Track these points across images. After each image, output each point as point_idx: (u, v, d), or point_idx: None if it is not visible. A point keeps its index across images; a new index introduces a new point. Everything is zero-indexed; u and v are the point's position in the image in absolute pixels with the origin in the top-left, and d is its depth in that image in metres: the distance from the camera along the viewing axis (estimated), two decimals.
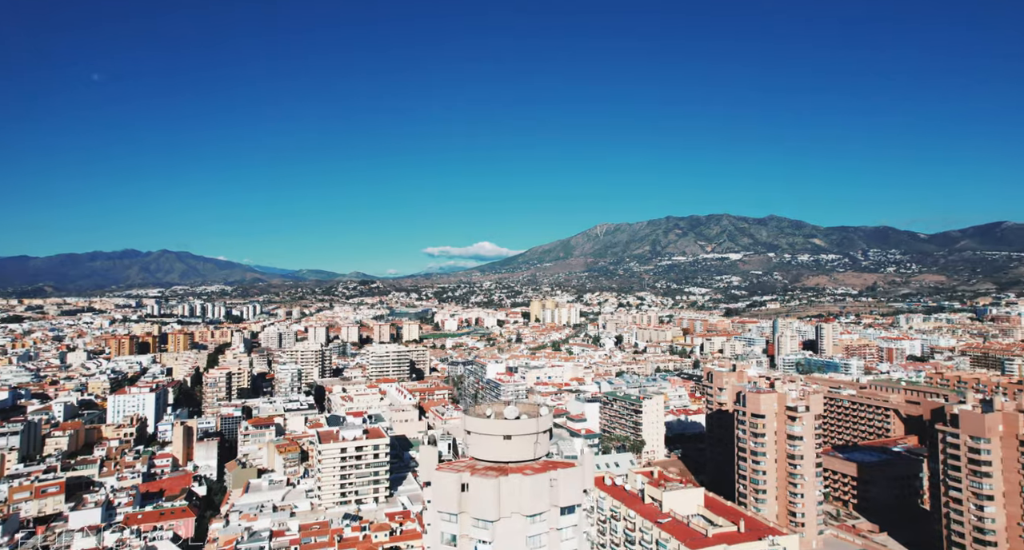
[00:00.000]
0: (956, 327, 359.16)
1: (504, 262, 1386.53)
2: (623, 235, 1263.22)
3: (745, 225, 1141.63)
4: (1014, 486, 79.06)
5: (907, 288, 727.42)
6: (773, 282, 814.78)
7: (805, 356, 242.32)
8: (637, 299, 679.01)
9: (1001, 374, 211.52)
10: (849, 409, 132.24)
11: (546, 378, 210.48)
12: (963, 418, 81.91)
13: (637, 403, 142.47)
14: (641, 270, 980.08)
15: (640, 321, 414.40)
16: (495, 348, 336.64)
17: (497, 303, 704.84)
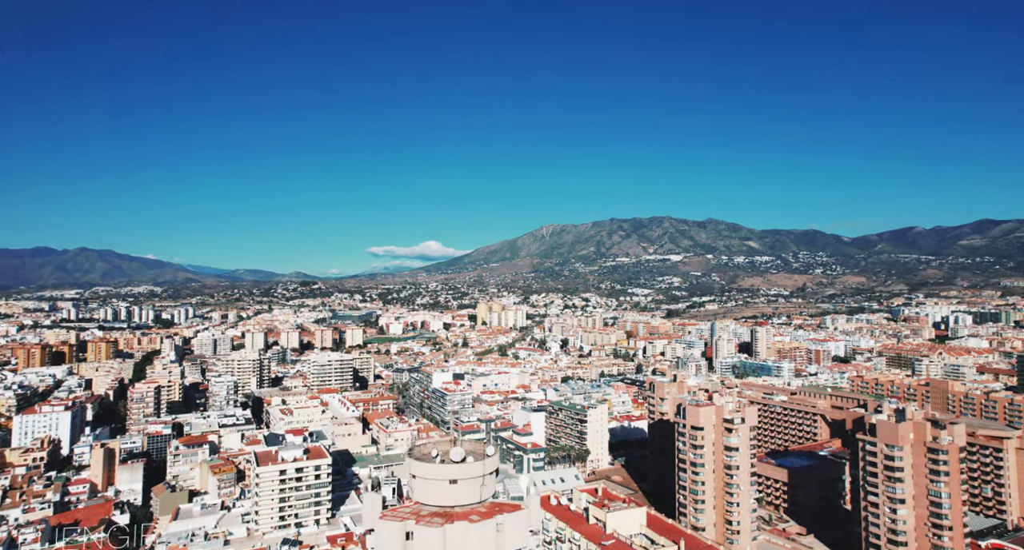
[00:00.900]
0: (874, 327, 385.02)
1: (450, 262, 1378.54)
2: (569, 236, 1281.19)
3: (685, 227, 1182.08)
4: (922, 490, 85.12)
5: (833, 289, 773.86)
6: (711, 283, 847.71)
7: (741, 359, 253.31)
8: (582, 300, 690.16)
9: (912, 373, 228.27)
10: (781, 415, 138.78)
11: (492, 386, 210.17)
12: (880, 428, 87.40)
13: (582, 413, 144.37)
14: (586, 271, 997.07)
15: (585, 324, 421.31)
16: (441, 353, 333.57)
17: (443, 305, 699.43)
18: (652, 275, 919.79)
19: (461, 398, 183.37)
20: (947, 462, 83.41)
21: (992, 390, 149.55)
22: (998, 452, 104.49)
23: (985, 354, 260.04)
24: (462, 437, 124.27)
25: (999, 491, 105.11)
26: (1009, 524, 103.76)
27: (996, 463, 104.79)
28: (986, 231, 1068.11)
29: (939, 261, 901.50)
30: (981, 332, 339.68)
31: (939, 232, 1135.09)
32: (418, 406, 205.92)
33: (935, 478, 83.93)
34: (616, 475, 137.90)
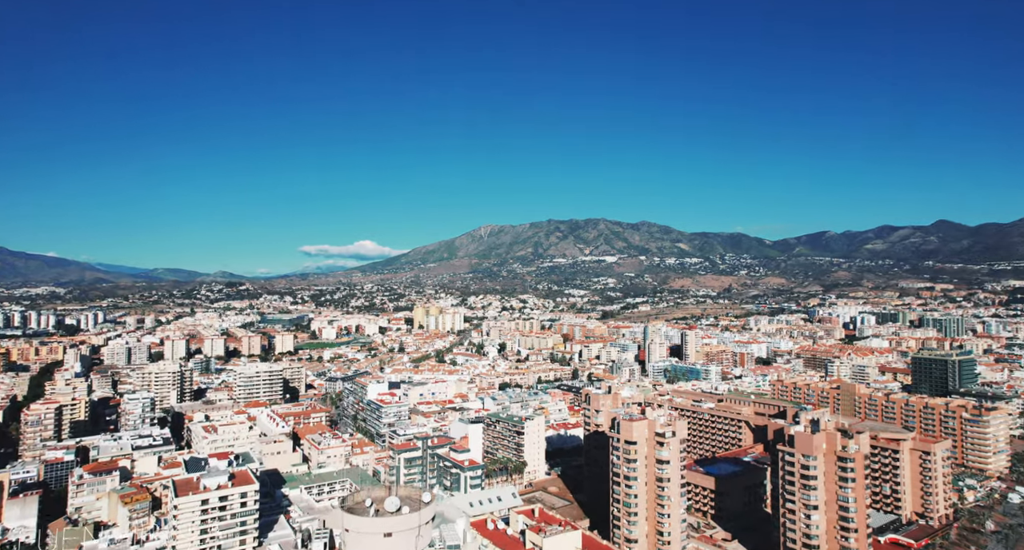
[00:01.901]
0: (793, 328, 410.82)
1: (387, 262, 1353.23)
2: (507, 237, 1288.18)
3: (620, 229, 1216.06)
4: (832, 496, 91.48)
5: (756, 289, 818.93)
6: (644, 284, 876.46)
7: (672, 363, 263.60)
8: (520, 302, 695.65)
9: (825, 374, 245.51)
10: (709, 422, 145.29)
11: (430, 395, 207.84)
12: (798, 439, 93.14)
13: (519, 425, 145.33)
14: (524, 271, 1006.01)
15: (523, 328, 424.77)
16: (377, 359, 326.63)
17: (379, 307, 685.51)
18: (588, 276, 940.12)
19: (397, 410, 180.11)
20: (854, 469, 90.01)
21: (891, 392, 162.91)
22: (895, 453, 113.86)
23: (886, 354, 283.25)
24: (398, 456, 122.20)
25: (896, 489, 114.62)
26: (904, 519, 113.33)
27: (894, 463, 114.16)
28: (887, 236, 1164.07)
29: (848, 263, 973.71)
30: (882, 332, 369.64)
31: (848, 236, 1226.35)
32: (352, 418, 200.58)
33: (843, 485, 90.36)
34: (552, 486, 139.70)
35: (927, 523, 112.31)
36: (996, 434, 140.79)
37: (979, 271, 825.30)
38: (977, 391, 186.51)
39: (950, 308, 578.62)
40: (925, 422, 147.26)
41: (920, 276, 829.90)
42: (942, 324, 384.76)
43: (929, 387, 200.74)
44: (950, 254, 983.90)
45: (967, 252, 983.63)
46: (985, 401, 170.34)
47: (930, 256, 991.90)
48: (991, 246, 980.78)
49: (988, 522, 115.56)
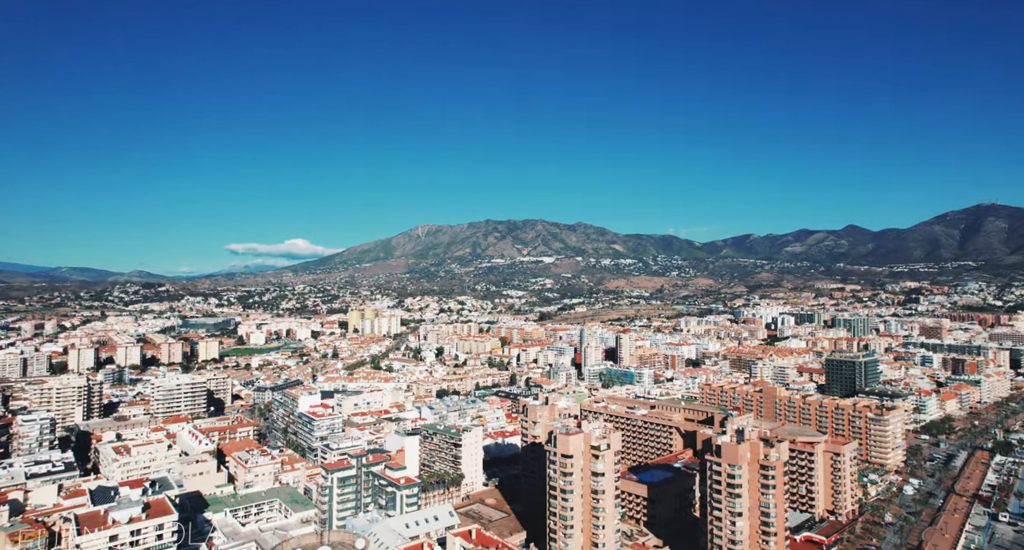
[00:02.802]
0: (720, 329, 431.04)
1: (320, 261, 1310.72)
2: (445, 236, 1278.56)
3: (557, 230, 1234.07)
4: (755, 502, 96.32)
5: (686, 290, 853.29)
6: (581, 285, 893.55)
7: (607, 367, 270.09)
8: (458, 303, 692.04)
9: (749, 375, 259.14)
10: (642, 428, 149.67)
11: (365, 405, 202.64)
12: (724, 449, 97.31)
13: (457, 437, 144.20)
14: (462, 272, 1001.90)
15: (461, 331, 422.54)
16: (309, 366, 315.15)
17: (312, 309, 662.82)
18: (526, 277, 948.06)
19: (330, 423, 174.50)
20: (774, 477, 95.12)
21: (807, 394, 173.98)
22: (811, 456, 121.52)
23: (803, 354, 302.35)
24: (330, 476, 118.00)
25: (811, 489, 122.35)
26: (817, 516, 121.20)
27: (809, 466, 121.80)
28: (804, 239, 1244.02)
29: (770, 265, 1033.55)
30: (800, 332, 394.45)
31: (771, 239, 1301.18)
32: (283, 431, 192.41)
33: (765, 491, 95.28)
34: (490, 498, 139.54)
35: (837, 519, 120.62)
36: (894, 432, 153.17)
37: (881, 273, 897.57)
38: (879, 390, 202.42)
39: (858, 308, 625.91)
40: (836, 422, 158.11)
41: (833, 277, 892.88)
42: (851, 324, 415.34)
43: (840, 386, 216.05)
44: (858, 257, 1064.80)
45: (872, 255, 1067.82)
46: (886, 399, 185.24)
47: (841, 259, 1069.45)
48: (891, 250, 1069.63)
49: (887, 514, 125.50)
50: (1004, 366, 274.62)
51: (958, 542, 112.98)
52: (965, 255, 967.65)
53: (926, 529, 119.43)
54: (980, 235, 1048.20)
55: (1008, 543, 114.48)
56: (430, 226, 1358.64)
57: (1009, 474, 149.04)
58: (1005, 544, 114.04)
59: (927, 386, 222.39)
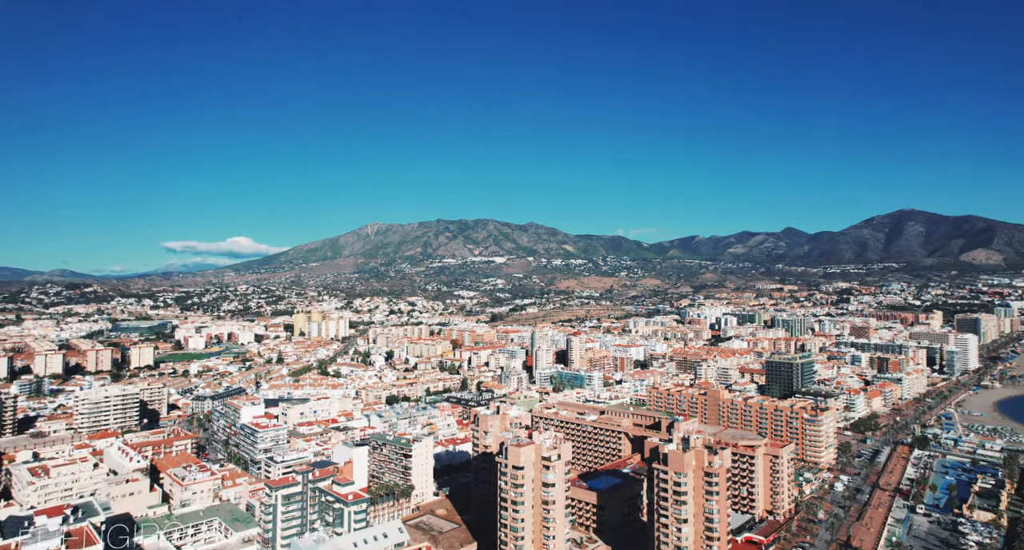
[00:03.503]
0: (667, 330, 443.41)
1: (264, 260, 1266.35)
2: (395, 236, 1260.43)
3: (509, 230, 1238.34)
4: (700, 508, 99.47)
5: (635, 290, 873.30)
6: (532, 285, 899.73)
7: (558, 370, 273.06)
8: (409, 305, 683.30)
9: (695, 376, 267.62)
10: (591, 434, 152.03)
11: (311, 414, 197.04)
12: (671, 458, 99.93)
13: (407, 447, 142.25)
14: (413, 272, 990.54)
15: (411, 334, 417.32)
16: (252, 373, 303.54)
17: (255, 311, 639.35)
18: (478, 277, 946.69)
19: (275, 434, 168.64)
20: (718, 483, 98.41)
21: (749, 396, 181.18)
22: (751, 459, 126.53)
23: (745, 355, 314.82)
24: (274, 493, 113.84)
25: (751, 491, 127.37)
26: (757, 517, 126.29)
27: (750, 468, 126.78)
28: (746, 241, 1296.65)
29: (715, 266, 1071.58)
30: (742, 332, 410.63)
31: (715, 240, 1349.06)
32: (224, 443, 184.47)
33: (709, 498, 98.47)
34: (440, 508, 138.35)
35: (775, 519, 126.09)
36: (827, 431, 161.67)
37: (816, 273, 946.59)
38: (814, 390, 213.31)
39: (795, 307, 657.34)
40: (775, 423, 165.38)
41: (773, 278, 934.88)
42: (789, 324, 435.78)
43: (779, 387, 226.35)
44: (795, 258, 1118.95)
45: (808, 257, 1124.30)
46: (820, 400, 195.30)
47: (780, 260, 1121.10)
48: (825, 252, 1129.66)
49: (819, 511, 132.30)
50: (922, 364, 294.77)
51: (881, 536, 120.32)
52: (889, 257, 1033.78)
53: (854, 524, 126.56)
54: (902, 238, 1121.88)
55: (924, 534, 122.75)
56: (380, 225, 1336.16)
57: (925, 467, 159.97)
58: (921, 535, 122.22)
59: (856, 385, 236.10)
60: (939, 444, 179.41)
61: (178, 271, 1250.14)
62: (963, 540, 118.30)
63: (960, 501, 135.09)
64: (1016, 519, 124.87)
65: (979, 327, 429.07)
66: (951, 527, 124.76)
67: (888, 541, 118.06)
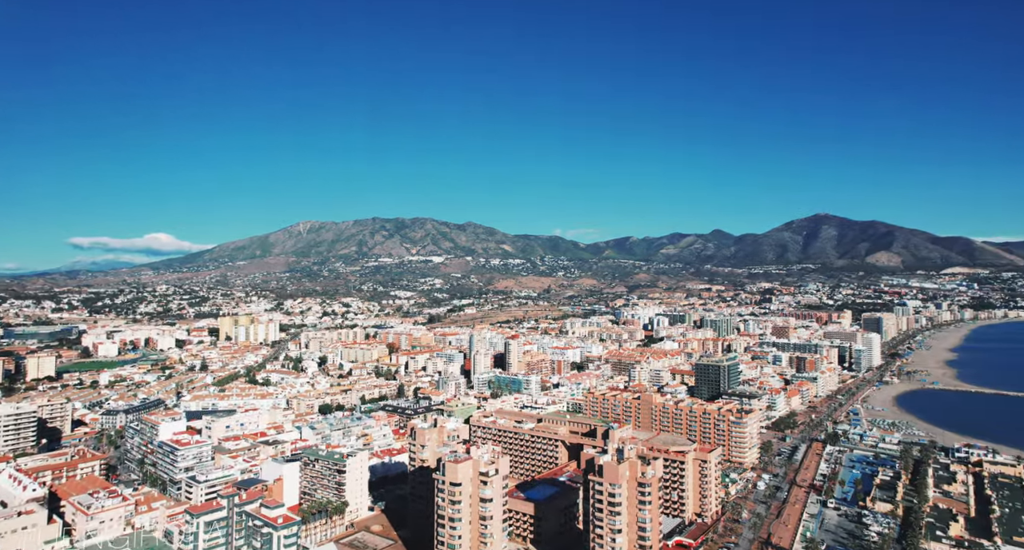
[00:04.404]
0: (603, 331, 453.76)
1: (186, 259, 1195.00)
2: (329, 234, 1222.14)
3: (447, 230, 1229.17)
4: (633, 518, 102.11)
5: (572, 290, 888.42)
6: (471, 285, 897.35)
7: (496, 374, 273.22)
8: (343, 306, 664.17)
9: (629, 379, 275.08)
10: (529, 442, 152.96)
11: (238, 427, 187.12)
12: (606, 469, 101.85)
13: (341, 462, 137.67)
14: (347, 271, 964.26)
15: (346, 338, 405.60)
16: (172, 382, 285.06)
17: (176, 313, 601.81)
18: (415, 276, 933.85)
19: (197, 451, 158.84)
20: (650, 492, 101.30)
21: (680, 400, 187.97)
22: (682, 464, 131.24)
23: (676, 355, 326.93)
24: (195, 520, 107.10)
25: (682, 495, 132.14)
26: (686, 520, 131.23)
27: (681, 473, 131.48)
28: (677, 242, 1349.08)
29: (648, 266, 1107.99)
30: (674, 333, 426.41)
31: (648, 241, 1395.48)
32: (139, 463, 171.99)
33: (642, 507, 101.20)
34: (376, 524, 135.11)
35: (703, 521, 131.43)
36: (751, 432, 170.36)
37: (742, 274, 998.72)
38: (739, 391, 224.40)
39: (722, 307, 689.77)
40: (703, 426, 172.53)
41: (702, 278, 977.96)
42: (716, 325, 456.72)
43: (707, 388, 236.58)
44: (722, 259, 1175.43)
45: (734, 258, 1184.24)
46: (745, 401, 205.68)
47: (709, 260, 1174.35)
48: (750, 253, 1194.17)
49: (743, 511, 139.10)
50: (834, 362, 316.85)
51: (797, 531, 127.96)
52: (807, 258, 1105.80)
53: (774, 522, 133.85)
54: (818, 241, 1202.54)
55: (833, 527, 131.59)
56: (313, 223, 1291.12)
57: (836, 463, 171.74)
58: (832, 528, 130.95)
59: (777, 384, 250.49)
60: (848, 439, 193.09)
61: (86, 269, 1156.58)
62: (866, 531, 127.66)
63: (864, 494, 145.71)
64: (909, 508, 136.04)
65: (881, 326, 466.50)
66: (856, 519, 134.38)
67: (803, 536, 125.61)
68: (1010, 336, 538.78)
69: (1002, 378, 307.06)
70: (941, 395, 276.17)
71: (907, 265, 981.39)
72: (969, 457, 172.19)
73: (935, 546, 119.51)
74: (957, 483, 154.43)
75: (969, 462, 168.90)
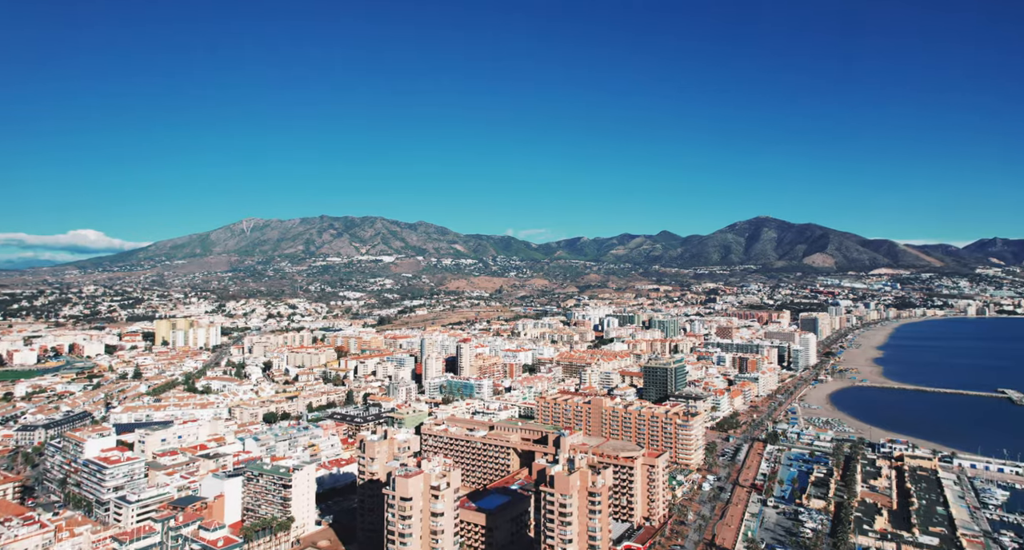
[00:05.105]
0: (554, 332, 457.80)
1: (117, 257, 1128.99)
2: (274, 232, 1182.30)
3: (397, 229, 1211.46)
4: (584, 527, 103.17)
5: (524, 290, 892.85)
6: (422, 285, 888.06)
7: (447, 378, 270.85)
8: (289, 307, 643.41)
9: (580, 382, 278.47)
10: (481, 450, 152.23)
11: (176, 440, 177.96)
12: (557, 480, 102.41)
13: (286, 477, 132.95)
14: (294, 271, 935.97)
15: (292, 342, 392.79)
16: (101, 392, 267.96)
17: (107, 316, 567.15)
18: (365, 276, 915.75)
19: (129, 469, 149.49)
20: (600, 502, 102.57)
21: (629, 403, 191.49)
22: (631, 470, 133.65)
23: (625, 357, 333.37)
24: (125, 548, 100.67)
25: (631, 500, 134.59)
26: (635, 524, 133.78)
27: (630, 479, 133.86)
28: (627, 243, 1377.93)
29: (598, 267, 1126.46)
30: (623, 334, 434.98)
31: (598, 242, 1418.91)
32: (60, 483, 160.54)
33: (592, 516, 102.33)
34: (323, 539, 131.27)
35: (651, 524, 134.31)
36: (697, 434, 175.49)
37: (688, 274, 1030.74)
38: (686, 393, 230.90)
39: (669, 307, 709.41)
40: (652, 429, 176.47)
41: (650, 278, 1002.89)
42: (664, 325, 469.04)
43: (655, 390, 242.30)
44: (669, 260, 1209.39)
45: (681, 258, 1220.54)
46: (691, 403, 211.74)
47: (656, 261, 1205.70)
48: (696, 254, 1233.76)
49: (689, 513, 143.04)
50: (774, 362, 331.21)
51: (739, 531, 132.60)
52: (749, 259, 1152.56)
53: (718, 523, 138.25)
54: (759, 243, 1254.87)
55: (773, 526, 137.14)
56: (257, 220, 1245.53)
57: (776, 461, 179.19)
58: (771, 527, 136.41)
59: (721, 385, 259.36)
60: (786, 438, 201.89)
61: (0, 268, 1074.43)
62: (801, 528, 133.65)
63: (800, 492, 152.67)
64: (840, 504, 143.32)
65: (817, 326, 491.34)
66: (794, 517, 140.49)
67: (744, 536, 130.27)
68: (928, 334, 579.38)
69: (922, 374, 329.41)
70: (869, 392, 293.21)
71: (840, 266, 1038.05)
72: (892, 452, 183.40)
73: (862, 540, 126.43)
74: (882, 477, 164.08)
75: (892, 457, 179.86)
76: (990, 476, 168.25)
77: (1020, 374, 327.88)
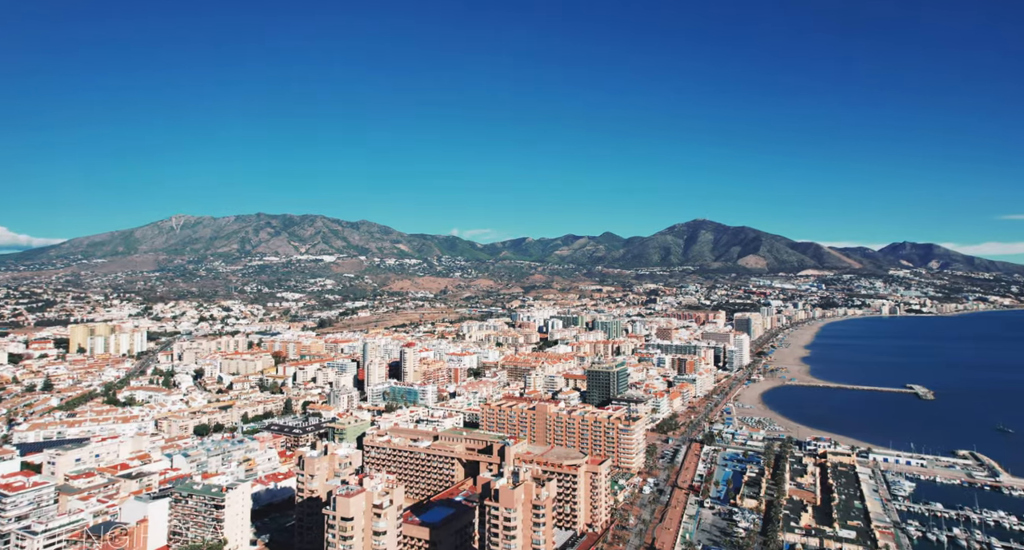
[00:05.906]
0: (499, 334, 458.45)
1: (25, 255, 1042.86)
2: (206, 230, 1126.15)
3: (339, 228, 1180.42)
4: (528, 539, 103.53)
5: (469, 291, 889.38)
6: (364, 286, 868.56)
7: (391, 384, 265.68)
8: (223, 309, 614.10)
9: (525, 385, 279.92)
10: (425, 461, 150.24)
11: (93, 459, 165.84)
12: (501, 494, 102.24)
13: (219, 497, 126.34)
14: (228, 271, 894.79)
15: (226, 348, 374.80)
16: (3, 407, 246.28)
17: (11, 320, 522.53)
18: (304, 277, 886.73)
19: (35, 495, 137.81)
20: (544, 514, 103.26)
21: (573, 408, 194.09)
22: (574, 478, 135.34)
23: (569, 359, 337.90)
24: None
25: (574, 508, 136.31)
26: (578, 531, 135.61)
27: (573, 487, 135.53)
28: (571, 243, 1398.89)
29: (543, 267, 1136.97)
30: (567, 335, 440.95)
31: (543, 242, 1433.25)
32: None
33: (536, 528, 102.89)
34: None
35: (594, 531, 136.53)
36: (638, 438, 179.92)
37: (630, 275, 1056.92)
38: (628, 396, 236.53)
39: (612, 307, 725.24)
40: (595, 434, 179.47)
41: (593, 279, 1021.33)
42: (607, 327, 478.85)
43: (598, 393, 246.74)
44: (612, 261, 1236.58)
45: (623, 259, 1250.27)
46: (632, 407, 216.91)
47: (600, 262, 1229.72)
48: (637, 255, 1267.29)
49: (630, 518, 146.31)
50: (711, 363, 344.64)
51: (678, 534, 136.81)
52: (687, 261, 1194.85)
53: (658, 526, 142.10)
54: (697, 244, 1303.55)
55: (709, 527, 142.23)
56: (188, 217, 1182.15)
57: (712, 462, 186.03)
58: (707, 528, 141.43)
59: (661, 387, 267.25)
60: (722, 439, 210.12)
61: None
62: (735, 528, 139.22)
63: (735, 492, 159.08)
64: (770, 503, 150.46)
65: (750, 326, 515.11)
66: (728, 517, 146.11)
67: (683, 538, 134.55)
68: (850, 333, 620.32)
69: (843, 373, 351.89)
70: (797, 391, 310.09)
71: (771, 267, 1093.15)
72: (816, 450, 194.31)
73: (789, 536, 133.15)
74: (807, 475, 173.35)
75: (816, 454, 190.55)
76: (900, 469, 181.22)
77: (924, 370, 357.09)
